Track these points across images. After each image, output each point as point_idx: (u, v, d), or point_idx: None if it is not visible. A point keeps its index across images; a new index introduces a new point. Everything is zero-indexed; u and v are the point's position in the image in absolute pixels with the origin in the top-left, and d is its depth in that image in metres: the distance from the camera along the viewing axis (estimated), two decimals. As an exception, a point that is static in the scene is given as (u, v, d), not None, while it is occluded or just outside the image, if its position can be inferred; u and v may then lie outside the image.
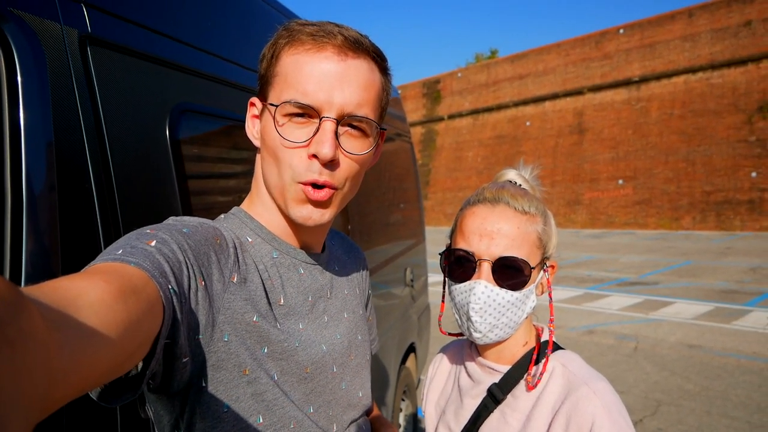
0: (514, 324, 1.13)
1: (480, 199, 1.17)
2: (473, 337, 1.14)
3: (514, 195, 1.15)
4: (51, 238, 1.05)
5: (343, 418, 0.99)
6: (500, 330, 1.12)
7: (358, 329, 1.09)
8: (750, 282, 11.61)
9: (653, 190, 25.53)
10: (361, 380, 1.07)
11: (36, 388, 0.34)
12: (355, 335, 1.07)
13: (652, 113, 26.18)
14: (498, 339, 1.14)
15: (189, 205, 1.46)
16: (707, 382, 5.78)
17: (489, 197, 1.16)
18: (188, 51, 1.55)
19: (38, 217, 1.03)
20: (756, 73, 23.42)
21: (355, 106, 0.85)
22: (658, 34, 26.39)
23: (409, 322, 4.14)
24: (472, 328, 1.12)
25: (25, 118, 1.01)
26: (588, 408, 1.03)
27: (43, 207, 1.04)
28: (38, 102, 1.03)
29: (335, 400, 0.97)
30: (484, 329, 1.11)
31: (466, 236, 1.14)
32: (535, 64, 31.16)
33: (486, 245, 1.10)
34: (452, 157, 34.56)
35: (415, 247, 4.58)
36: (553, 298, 1.21)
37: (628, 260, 15.73)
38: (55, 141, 1.06)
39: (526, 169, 1.27)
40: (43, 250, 1.04)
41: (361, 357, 1.08)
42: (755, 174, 22.77)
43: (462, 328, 1.17)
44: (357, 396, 1.04)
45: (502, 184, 1.21)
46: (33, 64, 1.03)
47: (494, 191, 1.17)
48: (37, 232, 1.03)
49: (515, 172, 1.26)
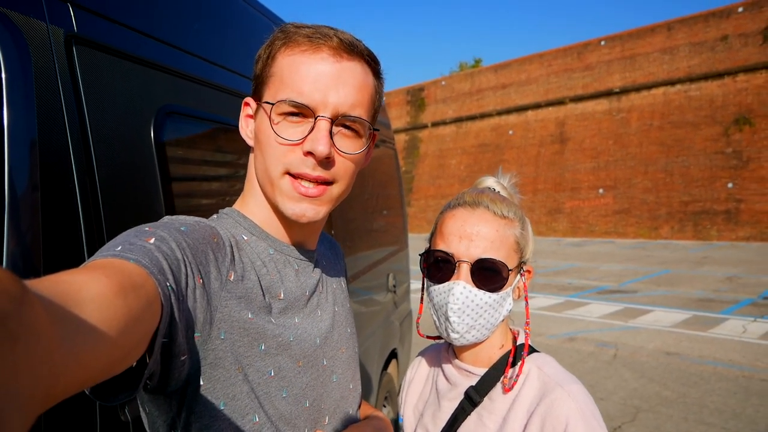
0: (491, 326, 1.15)
1: (460, 203, 1.19)
2: (451, 338, 1.15)
3: (494, 199, 1.17)
4: (33, 239, 1.04)
5: (336, 410, 1.00)
6: (477, 331, 1.14)
7: (347, 322, 1.11)
8: (726, 291, 11.81)
9: (633, 199, 25.89)
10: (352, 372, 1.08)
11: (38, 381, 0.33)
12: (345, 328, 1.09)
13: (632, 124, 26.58)
14: (475, 340, 1.16)
15: (173, 207, 1.45)
16: (684, 389, 5.86)
17: (469, 201, 1.18)
18: (174, 53, 1.54)
19: (20, 218, 1.01)
20: (732, 86, 23.93)
21: (349, 106, 0.87)
22: (638, 46, 26.85)
23: (391, 328, 4.14)
24: (450, 329, 1.14)
25: (9, 116, 1.00)
26: (562, 410, 1.05)
27: (25, 207, 1.02)
28: (22, 100, 1.02)
29: (327, 393, 0.98)
30: (462, 330, 1.13)
31: (445, 238, 1.16)
32: (518, 74, 31.48)
33: (465, 247, 1.12)
34: (435, 164, 34.70)
35: (397, 253, 4.59)
36: (535, 306, 1.22)
37: (608, 269, 15.91)
38: (39, 140, 1.06)
39: (505, 177, 1.30)
40: (25, 251, 1.03)
41: (351, 350, 1.10)
42: (731, 185, 23.22)
43: (440, 329, 1.19)
44: (348, 388, 1.06)
45: (481, 189, 1.23)
46: (18, 62, 1.02)
47: (474, 195, 1.19)
48: (18, 232, 1.01)
49: (494, 180, 1.28)
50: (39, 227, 1.05)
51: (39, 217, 1.05)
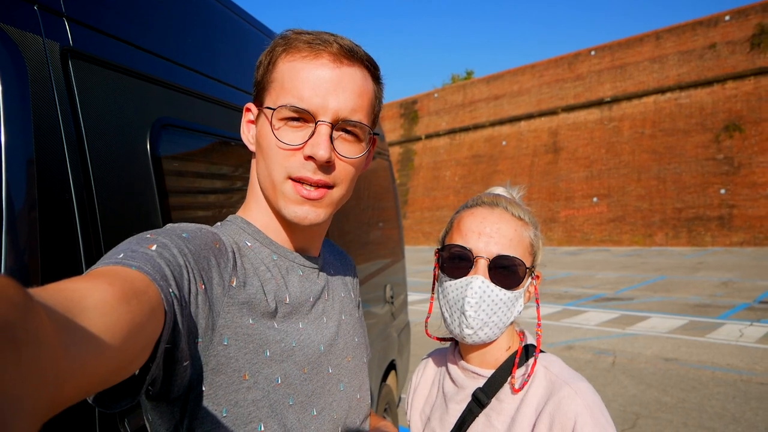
0: (503, 325, 1.16)
1: (478, 203, 1.22)
2: (464, 333, 1.16)
3: (511, 202, 1.21)
4: (30, 255, 1.04)
5: (346, 422, 0.99)
6: (490, 329, 1.15)
7: (354, 331, 1.11)
8: (722, 296, 11.84)
9: (627, 207, 26.01)
10: (359, 382, 1.07)
11: (43, 389, 0.33)
12: (352, 337, 1.08)
13: (624, 132, 26.79)
14: (486, 339, 1.16)
15: (169, 219, 1.46)
16: (683, 395, 5.85)
17: (487, 201, 1.21)
18: (169, 66, 1.56)
19: (18, 233, 1.02)
20: (721, 93, 24.18)
21: (349, 111, 0.88)
22: (628, 55, 27.14)
23: (389, 340, 4.12)
24: (465, 324, 1.14)
25: (6, 130, 1.01)
26: (570, 407, 1.05)
27: (22, 223, 1.02)
28: (20, 113, 1.03)
29: (336, 402, 0.97)
30: (476, 325, 1.14)
31: (464, 234, 1.17)
32: (510, 85, 31.73)
33: (484, 243, 1.14)
34: (430, 176, 34.81)
35: (394, 264, 4.59)
36: (532, 315, 1.24)
37: (604, 276, 15.93)
38: (36, 154, 1.06)
39: (513, 188, 1.32)
40: (23, 267, 1.03)
41: (359, 359, 1.09)
42: (724, 191, 23.38)
43: (451, 326, 1.19)
44: (356, 398, 1.04)
45: (497, 193, 1.26)
46: (15, 76, 1.03)
47: (492, 197, 1.23)
48: (16, 248, 1.01)
49: (504, 189, 1.30)
50: (37, 243, 1.05)
51: (37, 232, 1.05)
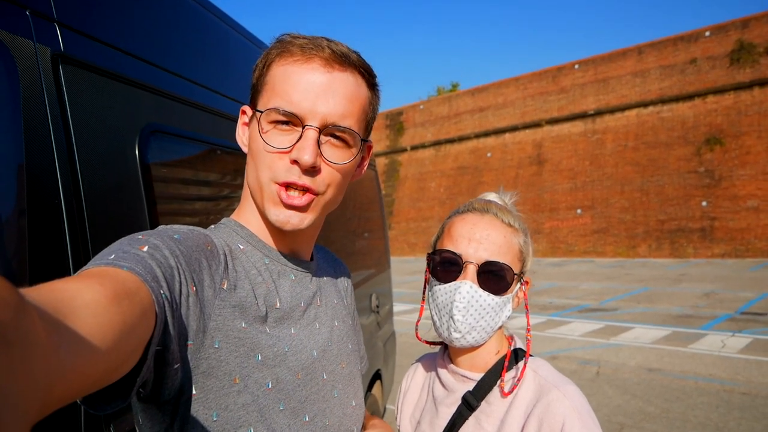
0: (490, 329, 1.17)
1: (469, 209, 1.24)
2: (452, 337, 1.17)
3: (501, 209, 1.23)
4: (19, 261, 1.04)
5: (339, 429, 0.98)
6: (477, 333, 1.16)
7: (348, 338, 1.10)
8: (704, 306, 11.98)
9: (610, 219, 26.28)
10: (354, 389, 1.06)
11: (34, 389, 0.33)
12: (345, 344, 1.08)
13: (608, 145, 27.13)
14: (474, 342, 1.18)
15: (157, 224, 1.45)
16: (667, 405, 5.90)
17: (478, 207, 1.23)
18: (159, 73, 1.56)
19: (5, 240, 1.01)
20: (702, 107, 24.63)
21: (338, 116, 0.88)
22: (610, 69, 27.56)
23: (374, 350, 4.12)
24: (453, 328, 1.15)
25: (-4, 133, 1.01)
26: (559, 410, 1.07)
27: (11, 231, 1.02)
28: (10, 115, 1.03)
29: (329, 409, 0.96)
30: (464, 329, 1.15)
31: (454, 239, 1.19)
32: (495, 97, 32.02)
33: (474, 249, 1.16)
34: (415, 187, 34.91)
35: (380, 274, 4.60)
36: (517, 326, 1.26)
37: (588, 287, 16.05)
38: (26, 158, 1.06)
39: (506, 194, 1.34)
40: (11, 271, 1.02)
41: (353, 366, 1.09)
42: (705, 203, 23.73)
43: (440, 329, 1.20)
44: (350, 405, 1.03)
45: (488, 200, 1.28)
46: (6, 80, 1.03)
47: (483, 203, 1.24)
48: (4, 252, 1.01)
49: (496, 195, 1.32)
50: (25, 248, 1.05)
51: (26, 237, 1.05)
